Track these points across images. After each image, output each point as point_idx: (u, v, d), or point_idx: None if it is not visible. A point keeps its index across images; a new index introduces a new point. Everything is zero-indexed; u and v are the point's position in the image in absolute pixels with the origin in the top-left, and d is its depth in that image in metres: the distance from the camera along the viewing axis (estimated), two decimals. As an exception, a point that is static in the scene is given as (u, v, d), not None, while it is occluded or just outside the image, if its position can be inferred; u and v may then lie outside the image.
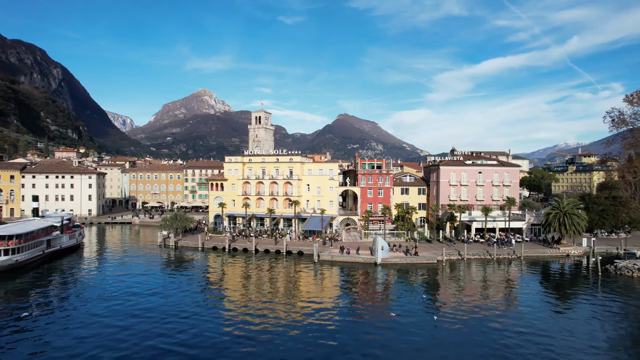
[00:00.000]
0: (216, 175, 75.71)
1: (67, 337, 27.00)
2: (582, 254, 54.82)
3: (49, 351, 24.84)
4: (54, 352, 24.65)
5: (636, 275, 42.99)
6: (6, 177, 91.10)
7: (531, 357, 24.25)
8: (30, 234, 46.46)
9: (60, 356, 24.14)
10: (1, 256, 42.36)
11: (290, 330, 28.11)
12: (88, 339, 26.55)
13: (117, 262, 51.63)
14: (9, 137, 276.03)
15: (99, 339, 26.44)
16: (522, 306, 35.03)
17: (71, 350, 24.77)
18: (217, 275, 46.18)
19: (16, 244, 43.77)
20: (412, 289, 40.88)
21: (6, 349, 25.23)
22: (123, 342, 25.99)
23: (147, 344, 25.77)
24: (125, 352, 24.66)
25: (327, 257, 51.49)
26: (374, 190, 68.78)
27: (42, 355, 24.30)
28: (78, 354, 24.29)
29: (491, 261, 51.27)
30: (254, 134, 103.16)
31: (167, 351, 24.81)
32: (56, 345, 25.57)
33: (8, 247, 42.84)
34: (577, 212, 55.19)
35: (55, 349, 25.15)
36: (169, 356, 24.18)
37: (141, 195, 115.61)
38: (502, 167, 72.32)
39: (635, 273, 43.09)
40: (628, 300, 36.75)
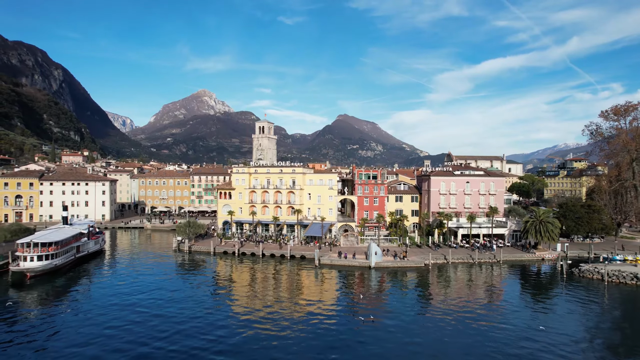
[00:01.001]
0: (224, 185, 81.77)
1: (98, 328, 33.03)
2: (555, 258, 61.00)
3: (86, 340, 30.72)
4: (91, 343, 30.54)
5: (596, 277, 49.19)
6: (26, 184, 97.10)
7: (510, 348, 30.26)
8: (64, 240, 52.47)
9: (97, 345, 30.05)
10: (43, 260, 48.40)
11: (294, 328, 34.13)
12: (118, 331, 32.60)
13: (138, 265, 57.65)
14: (14, 140, 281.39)
15: (127, 335, 32.27)
16: (499, 302, 41.15)
17: (105, 343, 30.63)
18: (229, 278, 52.24)
19: (54, 249, 49.84)
20: (401, 290, 47.02)
21: (55, 338, 31.21)
22: (156, 332, 32.04)
23: (167, 337, 31.82)
24: (157, 340, 30.70)
25: (327, 261, 57.64)
26: (370, 199, 74.92)
27: (82, 343, 30.22)
28: (110, 344, 30.14)
29: (474, 265, 57.45)
30: (257, 143, 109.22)
31: (187, 341, 30.88)
32: (92, 337, 31.34)
33: (49, 252, 48.90)
34: (552, 220, 61.35)
35: (92, 339, 31.08)
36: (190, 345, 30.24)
37: (150, 200, 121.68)
38: (488, 177, 78.41)
39: (595, 275, 49.29)
40: (588, 297, 42.88)
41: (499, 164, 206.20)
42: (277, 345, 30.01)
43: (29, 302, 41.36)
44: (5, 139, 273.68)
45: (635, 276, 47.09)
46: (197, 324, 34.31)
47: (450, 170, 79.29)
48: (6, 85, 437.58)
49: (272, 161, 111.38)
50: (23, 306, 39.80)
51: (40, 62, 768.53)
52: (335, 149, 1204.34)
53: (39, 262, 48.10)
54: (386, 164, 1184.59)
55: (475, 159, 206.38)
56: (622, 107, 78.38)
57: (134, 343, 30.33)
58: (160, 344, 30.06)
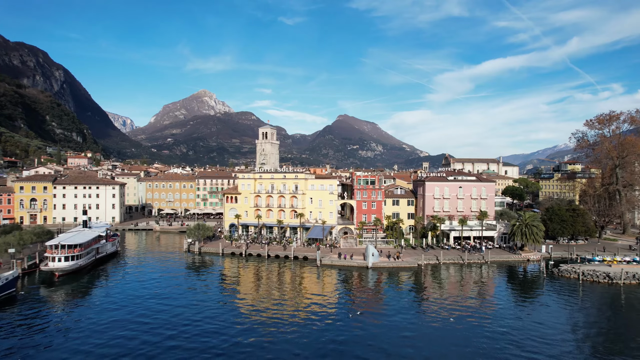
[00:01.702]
0: (231, 189, 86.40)
1: (131, 316, 37.72)
2: (540, 259, 65.69)
3: (109, 330, 35.44)
4: (114, 333, 35.29)
5: (572, 276, 53.90)
6: (40, 188, 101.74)
7: (499, 340, 34.92)
8: (87, 243, 57.09)
9: (119, 335, 34.75)
10: (70, 261, 53.05)
11: (297, 322, 38.78)
12: (149, 319, 37.31)
13: (153, 265, 62.29)
14: (20, 142, 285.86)
15: (154, 322, 37.08)
16: (485, 299, 45.85)
17: (128, 335, 35.36)
18: (238, 277, 56.89)
19: (79, 251, 54.48)
20: (396, 287, 51.71)
21: (83, 328, 35.87)
22: (175, 324, 36.73)
23: (185, 330, 36.54)
24: (176, 329, 35.39)
25: (328, 262, 62.34)
26: (368, 203, 79.60)
27: (104, 332, 34.90)
28: (131, 334, 34.87)
29: (464, 265, 62.13)
30: (260, 148, 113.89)
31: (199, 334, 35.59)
32: (114, 330, 36.11)
33: (74, 253, 53.54)
34: (537, 224, 66.05)
35: (114, 330, 35.81)
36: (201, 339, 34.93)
37: (156, 202, 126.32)
38: (480, 183, 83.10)
39: (572, 275, 54.01)
40: (564, 293, 47.58)
41: (496, 166, 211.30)
42: (282, 338, 34.65)
43: (59, 298, 45.97)
44: (10, 141, 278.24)
45: (607, 275, 51.83)
46: (211, 316, 38.99)
47: (444, 176, 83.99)
48: (9, 87, 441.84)
49: (275, 165, 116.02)
50: (56, 301, 44.45)
51: (42, 62, 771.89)
52: (335, 149, 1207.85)
53: (66, 263, 52.76)
54: (386, 164, 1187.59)
55: (472, 162, 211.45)
56: (606, 116, 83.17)
57: (162, 328, 35.08)
58: (184, 333, 34.74)
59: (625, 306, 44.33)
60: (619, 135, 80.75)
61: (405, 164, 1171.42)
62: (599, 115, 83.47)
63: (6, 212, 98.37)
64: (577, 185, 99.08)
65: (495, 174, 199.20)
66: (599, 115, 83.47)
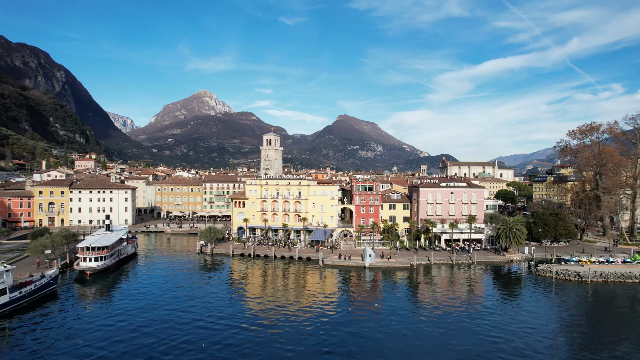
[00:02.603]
0: (238, 195, 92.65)
1: (148, 315, 43.99)
2: (522, 260, 72.02)
3: (136, 322, 41.74)
4: (142, 325, 41.55)
5: (548, 275, 60.25)
6: (57, 192, 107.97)
7: (485, 330, 41.14)
8: (112, 245, 63.31)
9: (146, 324, 41.02)
10: (99, 261, 59.32)
11: (301, 316, 45.04)
12: (173, 310, 43.62)
13: (169, 266, 68.56)
14: (27, 145, 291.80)
15: (167, 318, 43.41)
16: (470, 294, 52.15)
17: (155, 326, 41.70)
18: (247, 276, 63.13)
19: (106, 252, 60.72)
20: (391, 285, 58.02)
21: (117, 320, 42.13)
22: (192, 314, 43.04)
23: (199, 324, 42.85)
24: (193, 320, 41.67)
25: (329, 262, 68.64)
26: (366, 208, 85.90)
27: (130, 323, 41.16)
28: (170, 319, 41.21)
29: (453, 265, 68.44)
30: (265, 154, 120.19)
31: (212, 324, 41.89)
32: (142, 321, 42.42)
33: (103, 255, 59.81)
34: (520, 228, 72.35)
35: (141, 321, 42.09)
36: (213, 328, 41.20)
37: (165, 205, 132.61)
38: (470, 188, 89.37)
39: (548, 273, 60.37)
40: (538, 290, 53.89)
41: (491, 169, 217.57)
42: (287, 331, 40.93)
43: (94, 293, 52.20)
44: (17, 144, 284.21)
45: (578, 274, 58.20)
46: (224, 310, 45.30)
47: (437, 182, 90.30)
48: (14, 89, 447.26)
49: (279, 170, 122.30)
50: (91, 295, 50.72)
51: (43, 63, 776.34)
52: (335, 149, 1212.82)
53: (96, 263, 59.02)
54: (386, 164, 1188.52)
55: (469, 165, 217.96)
56: (588, 126, 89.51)
57: (187, 317, 41.39)
58: (202, 323, 41.06)
59: (591, 301, 50.66)
60: (598, 144, 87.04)
61: (405, 164, 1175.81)
62: (581, 126, 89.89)
63: (27, 215, 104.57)
64: (567, 188, 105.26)
65: (491, 176, 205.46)
66: (581, 126, 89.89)
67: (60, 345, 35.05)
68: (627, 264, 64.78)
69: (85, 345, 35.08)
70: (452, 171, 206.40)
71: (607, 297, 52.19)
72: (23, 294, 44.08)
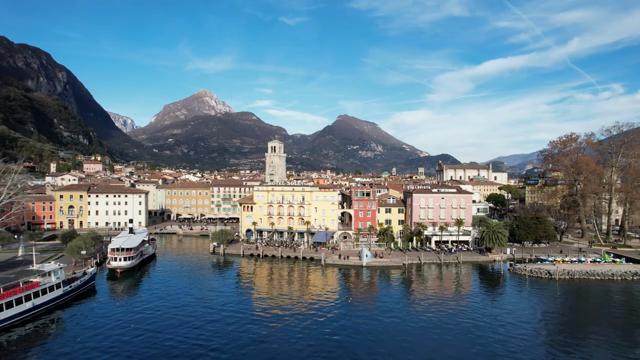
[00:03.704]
0: (247, 199, 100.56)
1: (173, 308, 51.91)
2: (504, 260, 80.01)
3: (166, 315, 49.63)
4: (170, 317, 49.45)
5: (523, 273, 68.32)
6: (77, 196, 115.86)
7: (470, 322, 49.09)
8: (137, 246, 71.21)
9: (172, 316, 48.93)
10: (127, 261, 67.25)
11: (305, 311, 52.97)
12: (195, 301, 51.54)
13: (186, 265, 76.50)
14: (34, 147, 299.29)
15: (187, 310, 51.36)
16: (454, 290, 60.11)
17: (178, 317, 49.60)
18: (256, 274, 71.03)
19: (133, 253, 68.64)
20: (386, 282, 66.01)
21: (144, 313, 50.01)
22: (208, 307, 50.97)
23: (212, 318, 50.80)
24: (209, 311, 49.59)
25: (330, 262, 76.60)
26: (364, 212, 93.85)
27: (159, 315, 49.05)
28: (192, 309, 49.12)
29: (441, 265, 76.45)
30: (270, 161, 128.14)
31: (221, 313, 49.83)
32: (168, 315, 50.34)
33: (130, 255, 67.75)
34: (502, 231, 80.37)
35: (167, 314, 50.00)
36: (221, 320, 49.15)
37: (175, 208, 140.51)
38: (459, 194, 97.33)
39: (523, 272, 68.43)
40: (513, 286, 61.88)
41: (486, 172, 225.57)
42: (293, 322, 48.90)
43: (126, 288, 60.08)
44: (26, 146, 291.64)
45: (548, 272, 66.29)
46: (235, 305, 53.26)
47: (429, 189, 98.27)
48: (18, 91, 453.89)
49: (282, 175, 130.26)
50: (125, 290, 58.63)
51: (45, 64, 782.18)
52: (335, 149, 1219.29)
53: (125, 262, 66.94)
54: (386, 164, 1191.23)
55: (464, 168, 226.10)
56: (567, 138, 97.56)
57: (208, 305, 49.35)
58: (218, 315, 49.03)
59: (558, 295, 58.58)
60: (576, 154, 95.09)
61: (405, 164, 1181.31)
62: (561, 137, 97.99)
63: (49, 218, 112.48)
64: (549, 194, 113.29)
65: (485, 179, 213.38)
66: (561, 137, 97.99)
67: (110, 333, 42.91)
68: (595, 264, 72.79)
69: (136, 328, 42.97)
70: (448, 174, 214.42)
71: (571, 291, 60.23)
72: (72, 288, 51.98)
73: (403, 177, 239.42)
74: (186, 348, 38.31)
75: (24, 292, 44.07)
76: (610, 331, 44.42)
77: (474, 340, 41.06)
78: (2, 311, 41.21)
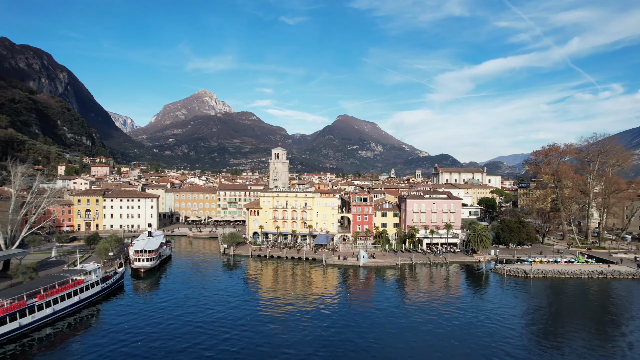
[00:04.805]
0: (253, 204, 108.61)
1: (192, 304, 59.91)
2: (488, 260, 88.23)
3: (183, 311, 57.65)
4: (188, 312, 57.48)
5: (502, 272, 76.55)
6: (93, 200, 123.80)
7: (456, 317, 57.24)
8: (157, 248, 79.21)
9: (189, 311, 56.96)
10: (149, 262, 75.28)
11: (307, 307, 61.06)
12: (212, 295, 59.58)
13: (199, 265, 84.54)
14: (41, 149, 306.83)
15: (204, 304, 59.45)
16: (442, 287, 68.25)
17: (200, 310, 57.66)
18: (263, 273, 79.10)
19: (154, 255, 76.69)
20: (380, 281, 74.17)
21: (164, 307, 58.01)
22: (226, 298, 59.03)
23: (222, 314, 58.92)
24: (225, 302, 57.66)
25: (330, 262, 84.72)
26: (362, 216, 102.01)
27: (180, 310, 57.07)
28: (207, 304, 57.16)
29: (430, 265, 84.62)
30: (273, 167, 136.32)
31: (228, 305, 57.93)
32: (188, 309, 58.37)
33: (152, 256, 75.80)
34: (486, 234, 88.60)
35: (185, 309, 58.02)
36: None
37: (183, 211, 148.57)
38: (450, 200, 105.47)
39: (501, 271, 76.67)
40: (492, 283, 70.06)
41: (480, 175, 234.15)
42: (299, 317, 57.01)
43: (150, 285, 68.09)
44: (33, 149, 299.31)
45: (524, 271, 74.57)
46: (245, 301, 61.36)
47: (421, 194, 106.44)
48: (23, 93, 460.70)
49: (285, 181, 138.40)
50: (149, 287, 66.66)
51: (46, 65, 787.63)
52: (335, 149, 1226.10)
53: (148, 263, 74.99)
54: (386, 164, 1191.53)
55: (459, 172, 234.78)
56: (549, 147, 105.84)
57: (223, 299, 57.40)
58: (233, 311, 57.12)
59: (533, 293, 66.78)
60: (557, 163, 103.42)
61: (404, 164, 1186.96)
62: (543, 147, 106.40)
63: (67, 221, 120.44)
64: (533, 199, 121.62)
65: (479, 182, 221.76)
66: (543, 147, 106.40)
67: (148, 321, 50.95)
68: (568, 264, 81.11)
69: (168, 319, 51.06)
70: (444, 178, 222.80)
71: (543, 287, 68.49)
72: (108, 285, 60.02)
73: (400, 180, 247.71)
74: (214, 331, 46.40)
75: (73, 287, 52.11)
76: (571, 319, 52.72)
77: (459, 327, 49.22)
78: (57, 303, 49.25)
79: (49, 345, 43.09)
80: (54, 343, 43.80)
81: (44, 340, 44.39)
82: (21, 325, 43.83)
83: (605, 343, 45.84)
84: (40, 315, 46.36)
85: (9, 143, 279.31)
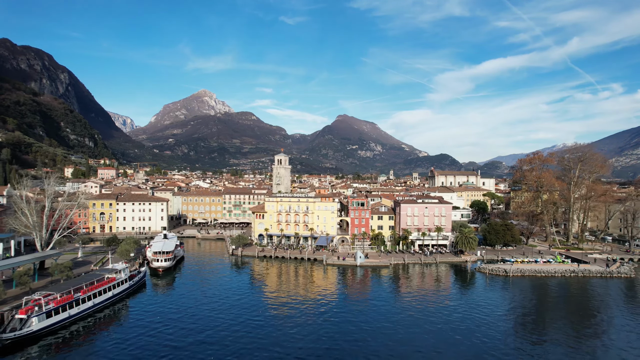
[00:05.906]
0: (259, 208, 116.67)
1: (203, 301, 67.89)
2: (475, 261, 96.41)
3: (194, 309, 65.61)
4: (199, 310, 65.47)
5: (485, 272, 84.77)
6: (107, 204, 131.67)
7: (446, 314, 65.33)
8: (173, 250, 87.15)
9: (198, 310, 64.93)
10: (167, 262, 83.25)
11: (309, 303, 69.09)
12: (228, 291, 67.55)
13: (210, 265, 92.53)
14: (48, 152, 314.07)
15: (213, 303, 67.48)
16: (431, 285, 76.33)
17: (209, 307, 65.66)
18: (269, 273, 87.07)
19: (170, 256, 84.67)
20: (376, 279, 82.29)
21: (178, 305, 65.94)
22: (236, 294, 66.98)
23: (230, 312, 66.94)
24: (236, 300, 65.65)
25: (330, 262, 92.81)
26: (359, 220, 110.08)
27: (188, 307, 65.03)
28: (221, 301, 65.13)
29: (421, 264, 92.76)
30: (276, 172, 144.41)
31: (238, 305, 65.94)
32: (201, 306, 66.35)
33: (168, 257, 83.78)
34: (472, 236, 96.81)
35: (198, 307, 66.00)
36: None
37: (190, 213, 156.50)
38: (441, 204, 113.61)
39: (484, 270, 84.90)
40: (475, 281, 78.23)
41: (475, 178, 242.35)
42: (298, 315, 65.03)
43: (169, 283, 76.02)
44: (40, 151, 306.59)
45: (505, 270, 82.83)
46: (252, 298, 69.41)
47: (414, 199, 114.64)
48: (27, 96, 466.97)
49: (287, 185, 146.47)
50: (168, 285, 74.62)
51: (47, 65, 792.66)
52: (334, 149, 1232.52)
53: (165, 263, 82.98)
54: (385, 164, 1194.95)
55: (454, 175, 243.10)
56: (534, 154, 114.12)
57: (233, 296, 65.38)
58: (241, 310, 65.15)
59: (511, 290, 74.93)
60: (540, 170, 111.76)
61: (404, 164, 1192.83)
62: (529, 155, 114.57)
63: (83, 223, 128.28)
64: (519, 203, 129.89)
65: (473, 185, 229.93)
66: (529, 155, 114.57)
67: (167, 318, 58.91)
68: (546, 263, 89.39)
69: (188, 312, 59.04)
70: (439, 180, 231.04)
71: (519, 284, 76.72)
72: (134, 283, 67.97)
73: (398, 182, 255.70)
74: (229, 321, 54.41)
75: (107, 284, 60.10)
76: (545, 312, 60.98)
77: (446, 318, 57.36)
78: (97, 297, 57.23)
79: (89, 334, 51.01)
80: (94, 332, 51.70)
81: (86, 329, 52.37)
82: (70, 315, 51.82)
83: (576, 332, 54.12)
84: (84, 307, 54.37)
85: (17, 146, 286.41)
